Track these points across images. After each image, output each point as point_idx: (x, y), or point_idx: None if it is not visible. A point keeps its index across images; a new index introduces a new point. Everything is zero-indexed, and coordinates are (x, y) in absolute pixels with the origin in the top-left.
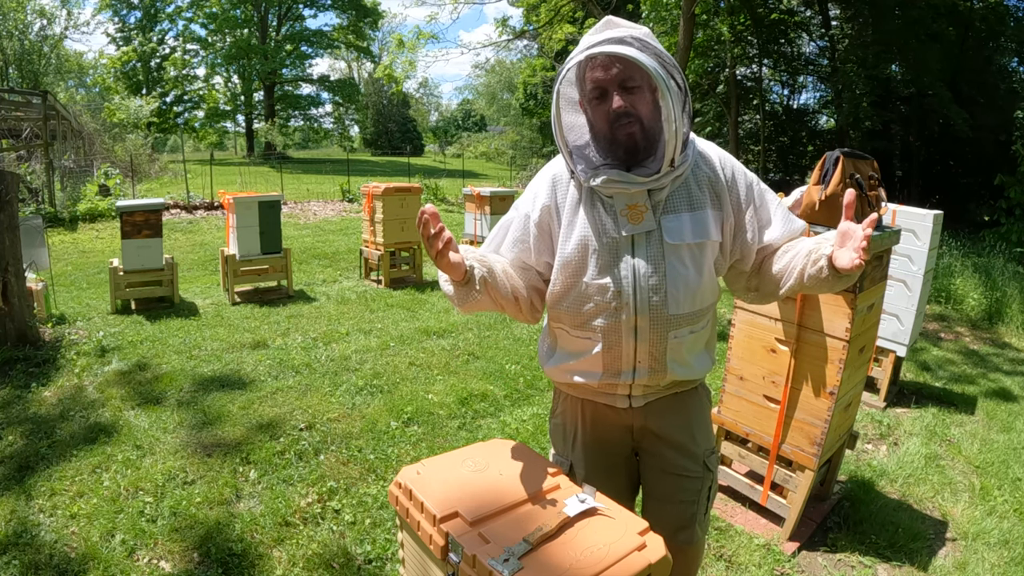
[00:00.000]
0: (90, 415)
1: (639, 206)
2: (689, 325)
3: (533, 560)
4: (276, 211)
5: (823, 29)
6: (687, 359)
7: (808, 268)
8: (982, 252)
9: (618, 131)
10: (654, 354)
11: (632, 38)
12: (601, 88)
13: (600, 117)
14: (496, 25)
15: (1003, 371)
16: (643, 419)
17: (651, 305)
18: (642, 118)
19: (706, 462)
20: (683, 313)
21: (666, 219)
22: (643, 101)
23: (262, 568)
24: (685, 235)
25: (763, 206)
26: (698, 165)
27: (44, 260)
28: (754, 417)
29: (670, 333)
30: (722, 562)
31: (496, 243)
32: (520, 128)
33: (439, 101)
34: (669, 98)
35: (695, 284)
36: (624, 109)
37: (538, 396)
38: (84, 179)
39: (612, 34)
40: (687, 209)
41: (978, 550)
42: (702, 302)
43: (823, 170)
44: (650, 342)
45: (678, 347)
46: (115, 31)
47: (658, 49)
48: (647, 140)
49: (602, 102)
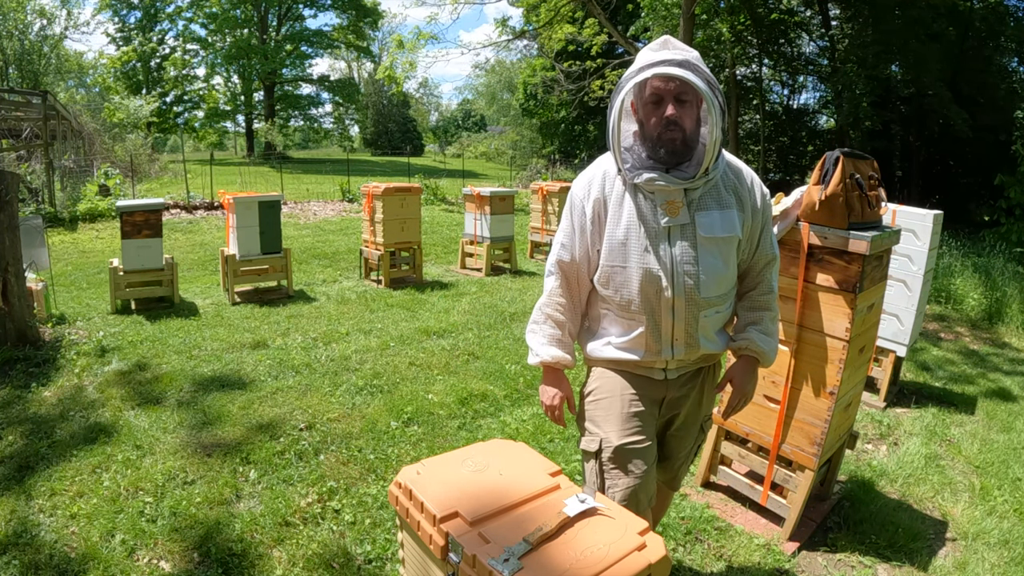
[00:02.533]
0: (90, 415)
1: (676, 202)
2: (716, 307)
3: (533, 560)
4: (276, 211)
5: (823, 29)
6: (712, 335)
7: (730, 346)
8: (982, 252)
9: (665, 134)
10: (689, 331)
11: (687, 62)
12: (659, 95)
13: (654, 120)
14: (496, 25)
15: (1003, 371)
16: (676, 390)
17: (686, 288)
18: (685, 129)
19: (703, 425)
20: (712, 296)
21: (700, 215)
22: (689, 115)
23: (262, 568)
24: (716, 230)
25: (768, 219)
26: (726, 172)
27: (44, 260)
28: (754, 417)
29: (701, 313)
30: (722, 562)
31: (569, 237)
32: (520, 128)
33: (439, 101)
34: (715, 115)
35: (722, 272)
36: (674, 118)
37: (538, 396)
38: (84, 179)
39: (671, 56)
40: (717, 207)
41: (978, 550)
42: (726, 288)
43: (823, 170)
44: (686, 321)
45: (707, 325)
46: (115, 31)
47: (707, 73)
48: (686, 147)
49: (657, 107)
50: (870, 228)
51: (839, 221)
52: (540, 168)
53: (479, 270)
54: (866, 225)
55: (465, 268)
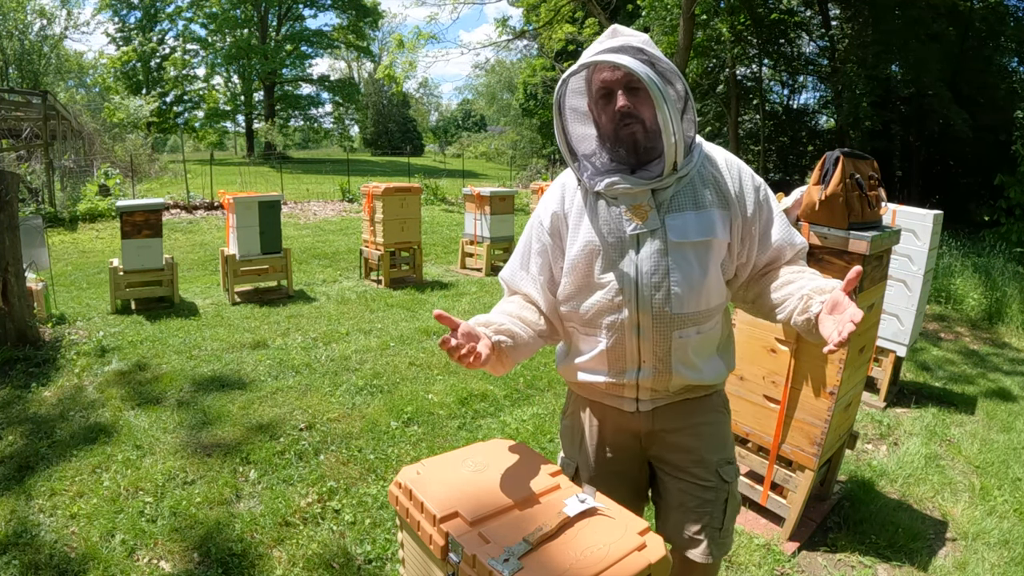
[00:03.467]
0: (90, 415)
1: (643, 206)
2: (695, 325)
3: (533, 560)
4: (276, 211)
5: (823, 29)
6: (694, 361)
7: (796, 315)
8: (982, 252)
9: (621, 130)
10: (658, 353)
11: (629, 47)
12: (607, 88)
13: (606, 117)
14: (496, 25)
15: (1003, 371)
16: (651, 424)
17: (653, 302)
18: (644, 120)
19: (719, 471)
20: (687, 312)
21: (670, 218)
22: (646, 104)
23: (262, 568)
24: (689, 233)
25: (768, 212)
26: (704, 166)
27: (44, 260)
28: (754, 417)
29: (674, 332)
30: (722, 562)
31: (523, 255)
32: (520, 128)
33: (439, 101)
34: (665, 106)
35: (699, 283)
36: (627, 110)
37: (538, 396)
38: (84, 179)
39: (612, 43)
40: (692, 208)
41: (978, 550)
42: (708, 302)
43: (823, 170)
44: (653, 340)
45: (683, 348)
46: (115, 31)
47: (655, 56)
48: (649, 140)
49: (608, 102)
50: (870, 228)
51: (839, 221)
52: (540, 168)
53: (479, 270)
54: (866, 225)
55: (465, 268)
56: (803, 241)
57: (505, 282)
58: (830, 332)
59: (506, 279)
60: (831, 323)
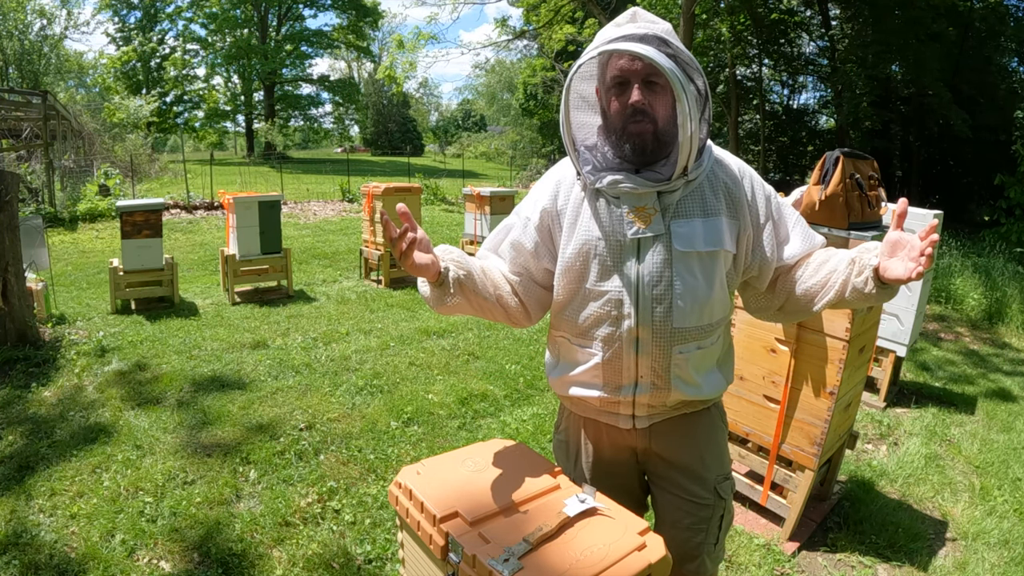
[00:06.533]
0: (90, 415)
1: (647, 208)
2: (696, 340)
3: (533, 560)
4: (276, 211)
5: (823, 29)
6: (694, 377)
7: (853, 279)
8: (982, 252)
9: (630, 126)
10: (657, 370)
11: (653, 36)
12: (624, 78)
13: (616, 109)
14: (496, 25)
15: (1003, 371)
16: (648, 441)
17: (654, 316)
18: (657, 119)
19: (717, 488)
20: (689, 327)
21: (676, 224)
22: (663, 103)
23: (262, 568)
24: (696, 242)
25: (781, 221)
26: (714, 171)
27: (44, 260)
28: (754, 417)
29: (675, 348)
30: (722, 562)
31: (494, 245)
32: (520, 128)
33: (439, 101)
34: (686, 102)
35: (704, 296)
36: (641, 105)
37: (538, 396)
38: (84, 179)
39: (633, 30)
40: (700, 215)
41: (978, 550)
42: (711, 316)
43: (823, 170)
44: (652, 356)
45: (683, 363)
46: (115, 31)
47: (678, 48)
48: (657, 143)
49: (621, 93)
50: (870, 228)
51: (839, 221)
52: (540, 168)
53: None
54: (866, 225)
55: None
56: (822, 240)
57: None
58: (906, 264)
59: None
60: (899, 260)
